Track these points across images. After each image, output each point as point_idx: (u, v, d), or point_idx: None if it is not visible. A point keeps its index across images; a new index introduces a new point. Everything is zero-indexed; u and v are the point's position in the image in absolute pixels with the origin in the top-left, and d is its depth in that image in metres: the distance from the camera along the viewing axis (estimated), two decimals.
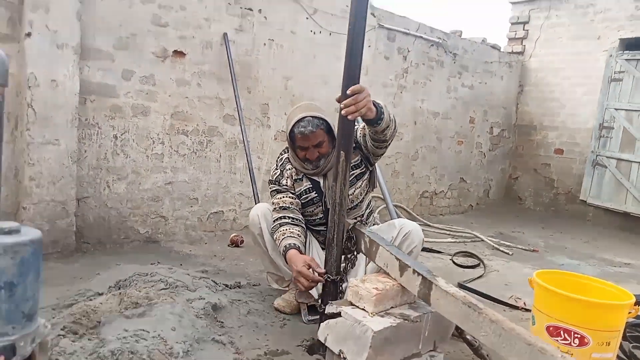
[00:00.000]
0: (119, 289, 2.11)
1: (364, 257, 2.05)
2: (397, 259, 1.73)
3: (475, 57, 6.09)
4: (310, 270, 1.97)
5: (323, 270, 1.94)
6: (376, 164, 2.41)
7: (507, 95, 6.73)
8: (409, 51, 5.27)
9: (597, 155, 6.07)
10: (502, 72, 6.54)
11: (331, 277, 1.90)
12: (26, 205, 2.86)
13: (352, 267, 2.03)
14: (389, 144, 2.17)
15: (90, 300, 1.93)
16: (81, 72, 3.06)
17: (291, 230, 2.21)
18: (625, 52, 5.86)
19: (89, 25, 3.08)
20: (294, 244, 2.13)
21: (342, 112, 1.78)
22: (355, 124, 1.97)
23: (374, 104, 1.85)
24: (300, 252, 2.12)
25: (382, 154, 2.27)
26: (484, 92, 6.33)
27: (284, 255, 2.15)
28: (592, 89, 6.16)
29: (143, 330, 1.65)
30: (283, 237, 2.19)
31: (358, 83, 1.79)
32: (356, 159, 2.26)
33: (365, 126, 2.11)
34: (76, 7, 2.93)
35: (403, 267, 1.69)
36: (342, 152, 1.85)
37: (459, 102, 6.02)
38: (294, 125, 2.20)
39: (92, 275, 2.41)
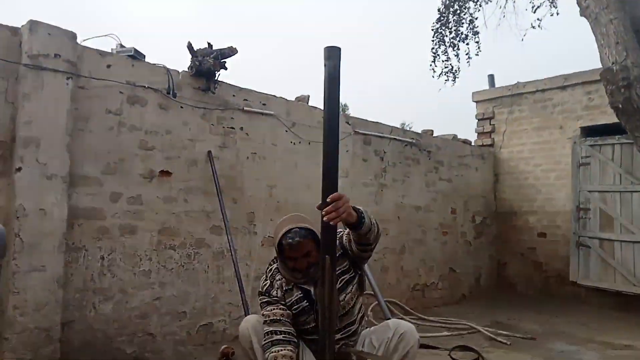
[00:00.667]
0: None
1: None
2: None
3: (449, 152, 6.42)
4: None
5: None
6: (364, 268, 2.46)
7: (484, 184, 7.00)
8: (385, 152, 5.56)
9: (579, 237, 6.18)
10: (476, 164, 6.86)
11: None
12: (8, 335, 2.80)
13: None
14: (373, 247, 2.25)
15: None
16: (69, 199, 3.17)
17: (283, 352, 2.19)
18: (587, 138, 6.24)
19: (78, 155, 3.25)
20: None
21: (324, 218, 1.87)
22: (340, 230, 2.06)
23: (354, 209, 1.96)
24: None
25: (368, 257, 2.33)
26: (461, 183, 6.58)
27: None
28: (563, 174, 6.45)
29: None
30: None
31: (337, 191, 1.90)
32: (344, 264, 2.32)
33: (350, 232, 2.21)
34: (66, 140, 3.12)
35: None
36: (327, 256, 1.90)
37: (439, 194, 6.22)
38: (282, 237, 2.28)
39: None
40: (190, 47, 3.82)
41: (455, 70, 7.81)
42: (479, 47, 7.69)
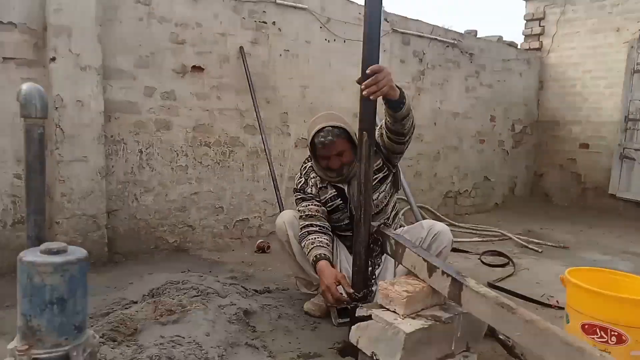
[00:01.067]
0: (153, 297, 2.16)
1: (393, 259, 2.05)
2: (425, 260, 1.73)
3: (492, 55, 6.04)
4: (340, 287, 1.99)
5: (351, 290, 1.95)
6: (399, 165, 2.40)
7: (527, 92, 6.65)
8: (424, 54, 5.27)
9: (624, 149, 5.93)
10: (520, 69, 6.47)
11: (358, 296, 1.90)
12: (59, 220, 2.95)
13: (379, 268, 2.03)
14: (408, 139, 2.16)
15: (126, 308, 1.98)
16: (105, 92, 3.15)
17: (320, 239, 2.23)
18: None
19: (110, 47, 3.18)
20: (324, 254, 2.16)
21: (364, 92, 1.79)
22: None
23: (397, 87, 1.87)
24: (331, 264, 2.14)
25: (402, 152, 2.25)
26: (503, 90, 6.27)
27: (314, 265, 2.17)
28: (614, 81, 6.05)
29: (178, 336, 1.69)
30: (312, 246, 2.21)
31: (378, 62, 1.79)
32: (378, 162, 2.26)
33: (383, 125, 2.12)
34: (97, 30, 3.03)
35: (431, 269, 1.69)
36: (364, 132, 1.84)
37: (479, 101, 5.97)
38: (314, 136, 2.22)
39: (126, 285, 2.47)
40: None
41: None
42: None
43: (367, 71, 1.77)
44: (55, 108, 2.90)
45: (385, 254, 2.01)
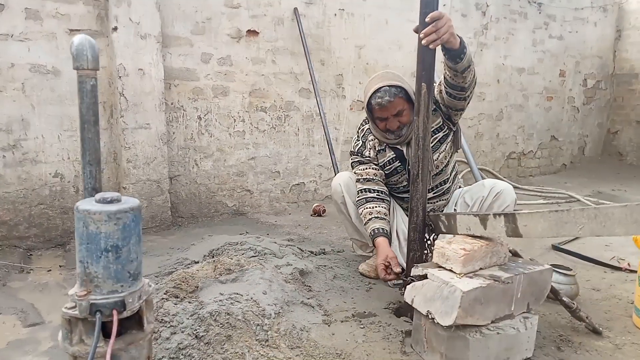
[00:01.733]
0: (213, 257, 2.25)
1: None
2: (476, 215, 1.68)
3: (563, 4, 5.58)
4: (387, 270, 2.04)
5: (399, 270, 2.00)
6: (459, 124, 2.29)
7: (602, 42, 6.12)
8: (487, 6, 4.96)
9: None
10: (595, 18, 5.94)
11: (404, 280, 1.90)
12: (126, 185, 3.12)
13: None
14: (470, 93, 2.05)
15: (188, 267, 2.07)
16: (164, 59, 3.24)
17: (377, 208, 2.22)
18: None
19: (167, 14, 3.24)
20: (382, 229, 2.17)
21: (423, 41, 1.71)
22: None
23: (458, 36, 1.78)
24: (388, 239, 2.16)
25: (463, 109, 2.14)
26: (575, 41, 5.81)
27: (372, 240, 2.19)
28: None
29: (237, 293, 1.75)
30: (370, 216, 2.21)
31: (437, 8, 1.70)
32: (437, 121, 2.18)
33: (442, 81, 2.03)
34: None
35: (483, 219, 1.64)
36: (423, 84, 1.77)
37: (547, 55, 5.58)
38: (371, 97, 2.15)
39: (188, 246, 2.59)
40: None
41: None
42: None
43: (427, 19, 1.68)
44: (119, 77, 3.02)
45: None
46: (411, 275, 1.75)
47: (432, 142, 2.17)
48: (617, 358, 1.67)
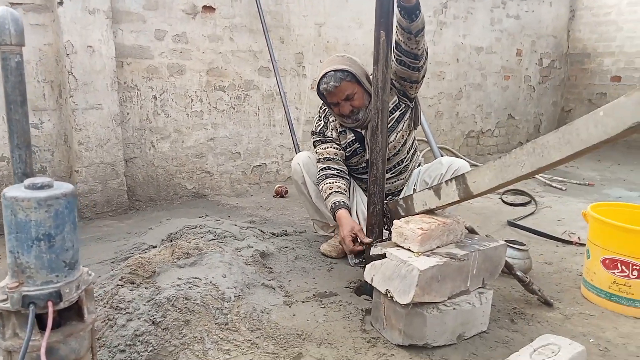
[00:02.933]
0: (171, 241, 2.20)
1: None
2: (429, 188, 1.71)
3: None
4: (355, 239, 2.02)
5: (367, 240, 1.95)
6: (417, 99, 2.28)
7: (556, 22, 6.27)
8: None
9: None
10: None
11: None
12: (78, 168, 2.99)
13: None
14: (423, 64, 2.04)
15: (145, 252, 2.02)
16: (115, 36, 3.09)
17: (338, 184, 2.21)
18: None
19: None
20: (342, 202, 2.16)
21: None
22: None
23: None
24: (349, 212, 2.15)
25: (418, 81, 2.12)
26: (531, 21, 5.92)
27: (332, 213, 2.17)
28: None
29: (195, 277, 1.72)
30: (330, 191, 2.20)
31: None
32: (393, 99, 2.17)
33: (394, 51, 1.99)
34: None
35: (437, 189, 1.67)
36: (381, 31, 1.74)
37: (504, 34, 5.67)
38: (319, 83, 2.15)
39: (145, 230, 2.52)
40: None
41: None
42: None
43: None
44: (67, 55, 2.86)
45: None
46: (370, 254, 1.76)
47: (389, 123, 2.17)
48: (566, 328, 1.74)
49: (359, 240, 2.02)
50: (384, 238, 1.94)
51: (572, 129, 1.19)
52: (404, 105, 2.21)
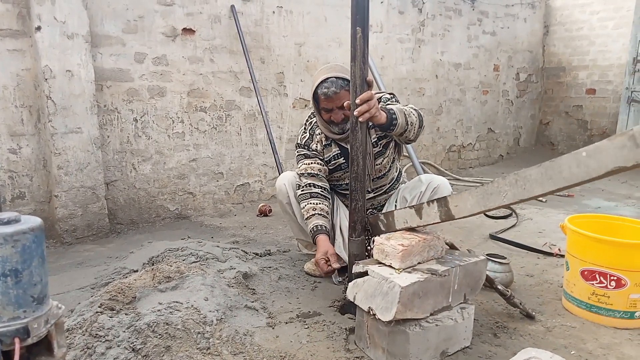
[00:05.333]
0: (152, 265, 2.17)
1: None
2: (411, 207, 1.73)
3: (495, 1, 5.82)
4: (327, 263, 2.09)
5: (337, 266, 2.09)
6: None
7: (532, 38, 6.44)
8: (423, 3, 5.08)
9: (632, 92, 5.76)
10: (524, 14, 6.24)
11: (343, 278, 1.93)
12: (58, 193, 2.95)
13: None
14: (416, 139, 2.13)
15: (126, 277, 1.99)
16: (94, 60, 3.09)
17: (320, 205, 2.23)
18: None
19: (96, 12, 3.09)
20: (322, 226, 2.19)
21: (355, 113, 1.78)
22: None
23: (386, 111, 1.88)
24: (328, 236, 2.19)
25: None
26: (507, 37, 6.07)
27: (312, 237, 2.21)
28: (623, 21, 5.82)
29: (176, 302, 1.70)
30: (313, 212, 2.22)
31: (366, 90, 1.77)
32: None
33: None
34: None
35: (418, 209, 1.68)
36: (358, 28, 1.74)
37: (481, 50, 5.80)
38: (317, 86, 2.15)
39: (126, 254, 2.49)
40: None
41: None
42: None
43: (357, 101, 1.76)
44: (45, 79, 2.85)
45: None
46: (352, 272, 1.76)
47: (377, 148, 2.22)
48: (548, 340, 1.76)
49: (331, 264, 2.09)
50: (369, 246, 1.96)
51: (555, 166, 1.22)
52: None
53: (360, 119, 1.77)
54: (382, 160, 2.25)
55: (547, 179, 1.25)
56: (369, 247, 1.99)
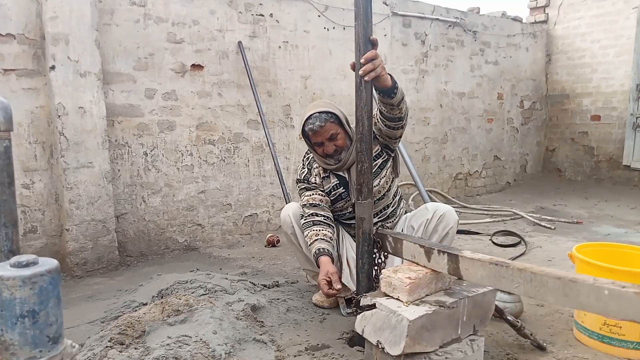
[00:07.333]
0: (162, 297, 2.19)
1: None
2: (422, 246, 1.72)
3: (497, 32, 5.93)
4: (329, 284, 2.09)
5: (339, 287, 2.07)
6: (398, 149, 2.40)
7: (534, 66, 6.53)
8: (426, 35, 5.19)
9: (637, 118, 5.80)
10: (526, 43, 6.34)
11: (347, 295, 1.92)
12: (69, 227, 2.99)
13: (383, 266, 2.03)
14: (405, 122, 2.16)
15: (135, 311, 2.01)
16: (106, 96, 3.18)
17: (323, 231, 2.25)
18: None
19: (108, 51, 3.20)
20: (325, 249, 2.20)
21: (360, 72, 1.78)
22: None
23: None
24: (331, 257, 2.19)
25: (400, 136, 2.25)
26: (509, 66, 6.16)
27: (315, 259, 2.22)
28: (624, 49, 5.90)
29: (185, 335, 1.71)
30: (316, 237, 2.23)
31: (370, 49, 1.78)
32: (376, 148, 2.26)
33: (377, 113, 2.11)
34: (94, 35, 3.04)
35: (429, 252, 1.69)
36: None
37: (485, 79, 5.88)
38: (304, 124, 2.26)
39: (136, 287, 2.50)
40: None
41: None
42: None
43: (362, 60, 1.77)
44: (58, 116, 2.93)
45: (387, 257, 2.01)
46: (360, 305, 1.76)
47: (373, 169, 2.24)
48: None
49: (333, 284, 2.07)
50: (378, 262, 1.96)
51: (575, 288, 1.23)
52: (386, 154, 2.29)
53: (365, 78, 1.77)
54: (380, 181, 2.28)
55: (562, 295, 1.26)
56: (375, 278, 1.99)
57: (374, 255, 1.96)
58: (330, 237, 2.25)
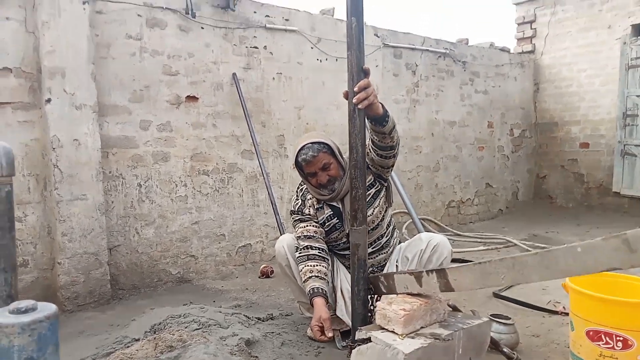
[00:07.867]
0: (154, 333, 2.15)
1: None
2: (411, 273, 1.75)
3: (485, 62, 6.08)
4: (321, 330, 2.15)
5: (330, 334, 2.14)
6: (391, 178, 2.42)
7: (523, 95, 6.67)
8: (417, 65, 5.31)
9: (624, 145, 5.90)
10: (514, 73, 6.49)
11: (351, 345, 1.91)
12: (61, 260, 2.97)
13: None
14: (396, 152, 2.21)
15: (127, 347, 1.97)
16: (101, 128, 3.20)
17: (318, 267, 2.25)
18: (639, 37, 5.75)
19: (104, 83, 3.23)
20: (319, 288, 2.21)
21: (354, 100, 1.84)
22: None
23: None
24: (325, 297, 2.21)
25: (392, 165, 2.28)
26: (498, 95, 6.29)
27: (310, 299, 2.23)
28: (609, 78, 6.05)
29: None
30: (310, 274, 2.25)
31: (363, 78, 1.85)
32: (369, 178, 2.28)
33: (370, 141, 2.14)
34: (90, 68, 3.08)
35: (418, 277, 1.71)
36: (352, 18, 1.82)
37: (475, 108, 5.99)
38: (297, 155, 2.29)
39: (128, 322, 2.46)
40: None
41: None
42: None
43: (355, 89, 1.83)
44: (53, 149, 2.94)
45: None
46: (355, 339, 1.75)
47: (366, 197, 2.26)
48: None
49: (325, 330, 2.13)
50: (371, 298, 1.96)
51: (552, 256, 1.28)
52: (379, 183, 2.32)
53: (359, 106, 1.84)
54: (373, 211, 2.30)
55: (543, 268, 1.30)
56: (371, 307, 1.99)
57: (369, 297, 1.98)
58: (324, 273, 2.25)
